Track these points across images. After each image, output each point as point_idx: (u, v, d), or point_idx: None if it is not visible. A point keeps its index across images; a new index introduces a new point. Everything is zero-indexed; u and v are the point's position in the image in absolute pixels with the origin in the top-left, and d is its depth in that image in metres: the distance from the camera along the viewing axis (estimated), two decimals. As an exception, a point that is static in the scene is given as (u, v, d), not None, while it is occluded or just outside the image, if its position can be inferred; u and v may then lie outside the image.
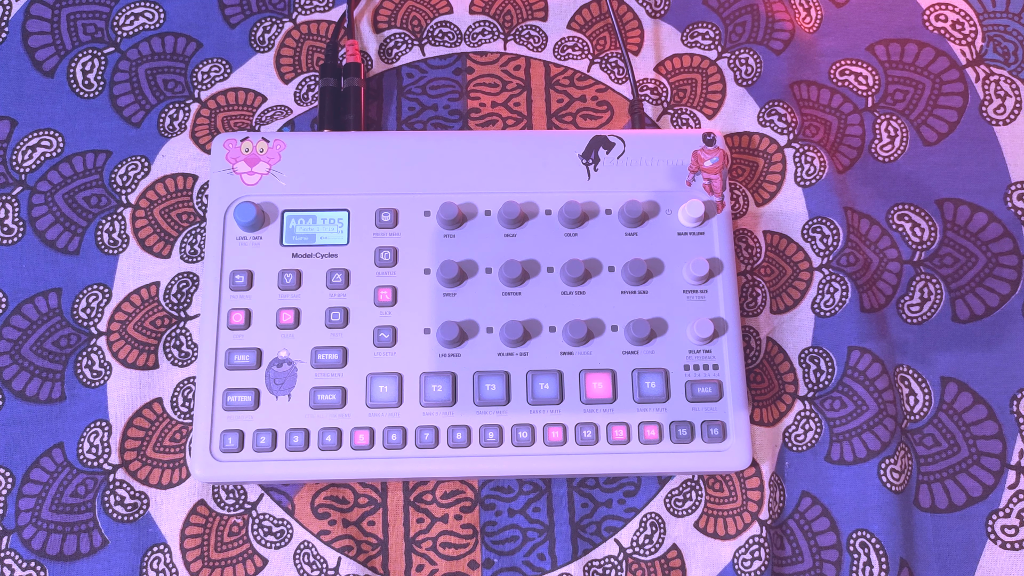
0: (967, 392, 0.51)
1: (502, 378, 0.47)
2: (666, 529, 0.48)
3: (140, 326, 0.51)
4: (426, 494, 0.48)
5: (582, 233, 0.50)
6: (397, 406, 0.47)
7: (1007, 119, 0.55)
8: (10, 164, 0.53)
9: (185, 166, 0.53)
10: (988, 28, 0.57)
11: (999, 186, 0.54)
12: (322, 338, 0.47)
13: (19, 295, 0.51)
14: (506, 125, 0.55)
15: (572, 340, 0.47)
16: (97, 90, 0.55)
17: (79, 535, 0.47)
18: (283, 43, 0.56)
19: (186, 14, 0.56)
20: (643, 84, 0.56)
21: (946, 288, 0.52)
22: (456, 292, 0.48)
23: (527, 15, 0.57)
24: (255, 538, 0.48)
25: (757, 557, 0.47)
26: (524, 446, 0.46)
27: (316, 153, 0.50)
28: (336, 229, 0.49)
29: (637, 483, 0.49)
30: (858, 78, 0.56)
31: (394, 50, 0.56)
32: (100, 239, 0.52)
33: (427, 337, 0.48)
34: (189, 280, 0.51)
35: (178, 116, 0.54)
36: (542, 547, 0.48)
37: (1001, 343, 0.52)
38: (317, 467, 0.46)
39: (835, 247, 0.52)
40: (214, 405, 0.46)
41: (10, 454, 0.49)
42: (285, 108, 0.55)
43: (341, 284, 0.48)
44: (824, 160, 0.54)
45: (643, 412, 0.47)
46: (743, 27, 0.57)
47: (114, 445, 0.49)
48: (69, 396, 0.49)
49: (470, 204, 0.50)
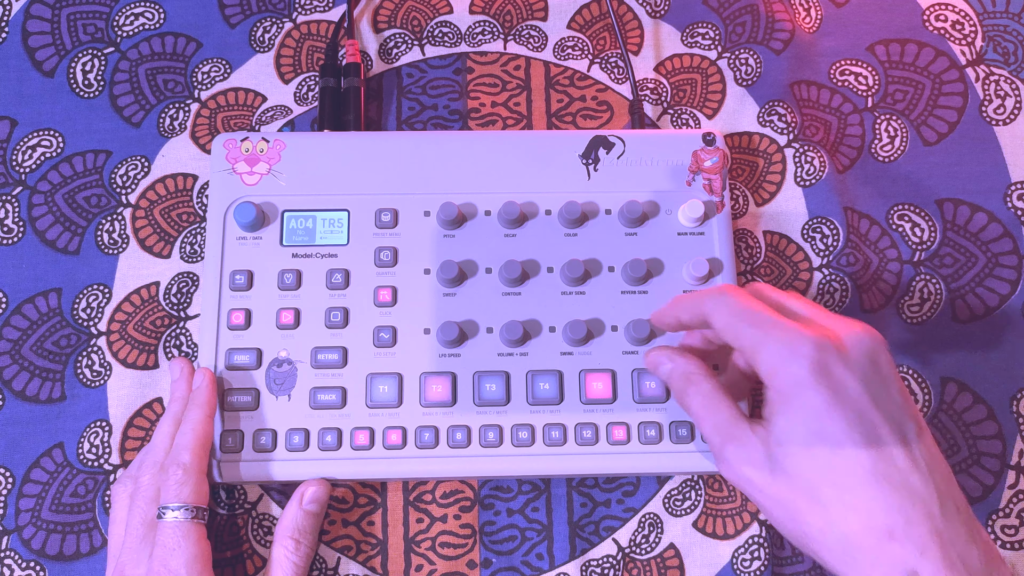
0: (967, 392, 0.51)
1: (502, 378, 0.47)
2: (664, 529, 0.48)
3: (140, 326, 0.51)
4: (426, 494, 0.48)
5: (582, 233, 0.50)
6: (397, 406, 0.47)
7: (1007, 119, 0.55)
8: (10, 164, 0.53)
9: (185, 166, 0.53)
10: (988, 28, 0.57)
11: (999, 186, 0.54)
12: (322, 338, 0.47)
13: (19, 295, 0.51)
14: (506, 125, 0.55)
15: (572, 340, 0.47)
16: (97, 90, 0.55)
17: (79, 535, 0.47)
18: (283, 43, 0.56)
19: (186, 14, 0.56)
20: (643, 84, 0.56)
21: (946, 288, 0.52)
22: (456, 292, 0.48)
23: (527, 15, 0.57)
24: (255, 538, 0.48)
25: (756, 557, 0.47)
26: (524, 446, 0.46)
27: (316, 153, 0.50)
28: (336, 229, 0.49)
29: (636, 483, 0.49)
30: (858, 78, 0.56)
31: (394, 50, 0.56)
32: (100, 239, 0.52)
33: (427, 337, 0.48)
34: (189, 280, 0.51)
35: (178, 116, 0.54)
36: (540, 547, 0.48)
37: (1001, 343, 0.52)
38: (317, 467, 0.46)
39: (835, 247, 0.52)
40: (214, 405, 0.46)
41: (10, 454, 0.49)
42: (285, 108, 0.55)
43: (341, 284, 0.48)
44: (824, 160, 0.54)
45: (643, 412, 0.47)
46: (743, 27, 0.57)
47: (114, 445, 0.49)
48: (69, 396, 0.49)
49: (470, 204, 0.50)
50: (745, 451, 0.39)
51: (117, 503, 0.45)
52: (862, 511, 0.36)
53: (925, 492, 0.36)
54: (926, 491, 0.36)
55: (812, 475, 0.37)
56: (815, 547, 0.38)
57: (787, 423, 0.38)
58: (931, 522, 0.36)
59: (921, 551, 0.35)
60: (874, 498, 0.36)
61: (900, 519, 0.36)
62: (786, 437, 0.37)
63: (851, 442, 0.36)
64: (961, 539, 0.36)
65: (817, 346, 0.37)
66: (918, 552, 0.35)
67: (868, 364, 0.38)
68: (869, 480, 0.36)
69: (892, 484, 0.36)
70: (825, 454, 0.37)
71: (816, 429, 0.37)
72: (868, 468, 0.36)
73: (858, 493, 0.36)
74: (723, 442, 0.40)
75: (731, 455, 0.39)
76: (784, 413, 0.38)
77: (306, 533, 0.44)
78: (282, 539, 0.44)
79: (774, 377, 0.38)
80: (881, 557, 0.36)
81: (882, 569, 0.36)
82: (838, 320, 0.39)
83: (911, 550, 0.35)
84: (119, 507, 0.45)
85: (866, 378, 0.37)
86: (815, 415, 0.37)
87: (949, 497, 0.37)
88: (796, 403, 0.37)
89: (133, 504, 0.44)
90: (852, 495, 0.36)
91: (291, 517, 0.44)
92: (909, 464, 0.37)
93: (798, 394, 0.37)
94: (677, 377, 0.43)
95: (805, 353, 0.37)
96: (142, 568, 0.42)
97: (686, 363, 0.43)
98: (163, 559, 0.41)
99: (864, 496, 0.36)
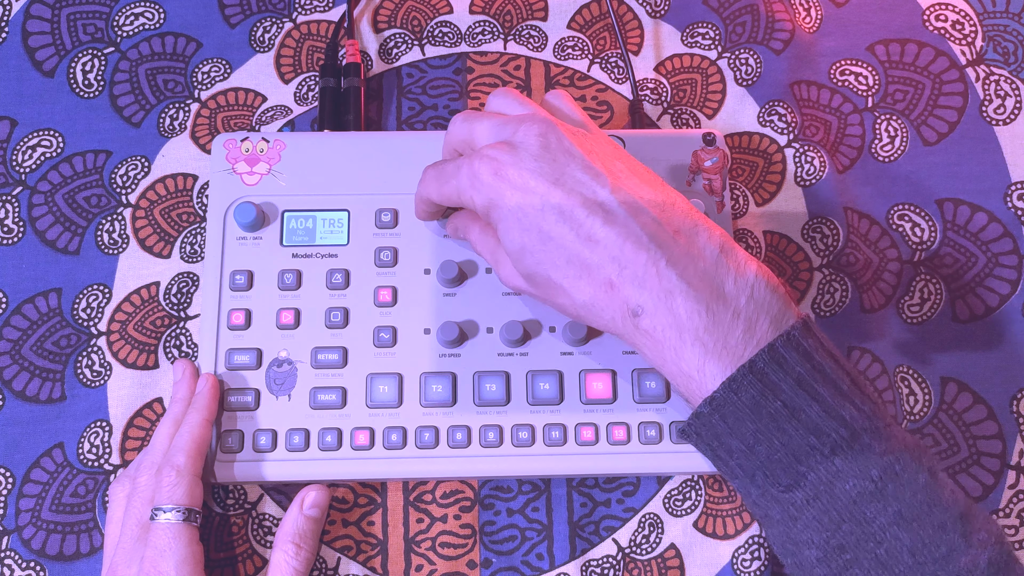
0: (967, 392, 0.51)
1: (502, 378, 0.47)
2: (664, 529, 0.48)
3: (140, 326, 0.51)
4: (426, 494, 0.48)
5: (582, 233, 0.50)
6: (397, 406, 0.47)
7: (1007, 119, 0.55)
8: (10, 164, 0.53)
9: (185, 166, 0.53)
10: (988, 28, 0.57)
11: (999, 186, 0.54)
12: (322, 338, 0.47)
13: (19, 295, 0.51)
14: (506, 125, 0.55)
15: (572, 340, 0.47)
16: (97, 90, 0.55)
17: (79, 535, 0.47)
18: (283, 43, 0.56)
19: (186, 14, 0.56)
20: (643, 84, 0.56)
21: (946, 288, 0.52)
22: (456, 292, 0.48)
23: (527, 15, 0.57)
24: (255, 538, 0.48)
25: (756, 557, 0.47)
26: (524, 446, 0.46)
27: (316, 153, 0.50)
28: (336, 229, 0.49)
29: (636, 483, 0.49)
30: (858, 78, 0.56)
31: (394, 50, 0.56)
32: (100, 239, 0.52)
33: (427, 337, 0.48)
34: (189, 280, 0.51)
35: (178, 116, 0.54)
36: (540, 547, 0.48)
37: (1001, 343, 0.52)
38: (317, 467, 0.46)
39: (835, 247, 0.52)
40: (214, 405, 0.46)
41: (10, 454, 0.49)
42: (285, 108, 0.55)
43: (341, 284, 0.48)
44: (824, 160, 0.54)
45: (643, 412, 0.47)
46: (743, 27, 0.57)
47: (115, 445, 0.49)
48: (69, 396, 0.49)
49: (470, 204, 0.50)
50: (506, 269, 0.44)
51: (114, 503, 0.45)
52: (585, 276, 0.39)
53: (629, 236, 0.38)
54: (629, 235, 0.38)
55: (540, 269, 0.40)
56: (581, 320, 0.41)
57: (503, 237, 0.41)
58: (643, 256, 0.38)
59: (639, 286, 0.38)
60: (588, 260, 0.39)
61: (614, 267, 0.38)
62: (509, 248, 0.41)
63: (548, 225, 0.39)
64: (681, 260, 0.38)
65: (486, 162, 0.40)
66: (636, 288, 0.38)
67: (539, 151, 0.40)
68: (577, 248, 0.39)
69: (596, 242, 0.39)
70: (537, 247, 0.40)
71: (520, 230, 0.40)
72: (571, 240, 0.39)
73: (575, 263, 0.39)
74: (496, 267, 0.45)
75: (502, 275, 0.44)
76: (497, 230, 0.41)
77: (307, 538, 0.44)
78: (283, 544, 0.44)
79: (479, 209, 0.42)
80: (613, 305, 0.39)
81: (618, 315, 0.39)
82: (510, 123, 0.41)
83: (631, 289, 0.38)
84: (116, 507, 0.45)
85: (540, 164, 0.40)
86: (514, 219, 0.40)
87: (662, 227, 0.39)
88: (498, 218, 0.41)
89: (130, 504, 0.44)
90: (572, 268, 0.39)
91: (292, 522, 0.44)
92: (606, 219, 0.39)
93: (495, 210, 0.40)
94: (461, 231, 0.48)
95: (480, 175, 0.40)
96: (133, 569, 0.42)
97: (461, 217, 0.48)
98: (154, 560, 0.41)
99: (580, 263, 0.39)
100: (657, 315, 0.38)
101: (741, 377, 0.36)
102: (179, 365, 0.48)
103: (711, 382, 0.37)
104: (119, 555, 0.42)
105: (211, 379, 0.46)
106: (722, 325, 0.37)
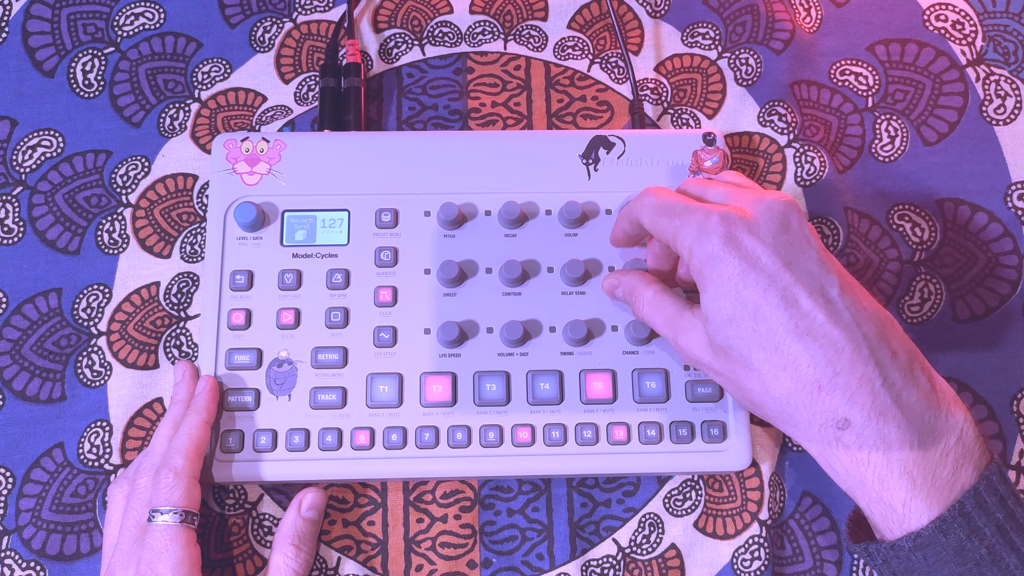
0: (967, 392, 0.51)
1: (502, 378, 0.47)
2: (665, 529, 0.48)
3: (140, 326, 0.51)
4: (426, 494, 0.48)
5: (582, 233, 0.50)
6: (397, 406, 0.47)
7: (1007, 119, 0.55)
8: (10, 164, 0.53)
9: (185, 166, 0.53)
10: (988, 28, 0.57)
11: (999, 186, 0.54)
12: (322, 338, 0.48)
13: (19, 295, 0.51)
14: (506, 125, 0.55)
15: (572, 340, 0.47)
16: (97, 90, 0.55)
17: (79, 535, 0.47)
18: (283, 43, 0.56)
19: (186, 14, 0.56)
20: (643, 84, 0.56)
21: (946, 288, 0.52)
22: (456, 292, 0.48)
23: (527, 15, 0.57)
24: (255, 538, 0.48)
25: (757, 557, 0.47)
26: (524, 446, 0.46)
27: (316, 153, 0.51)
28: (336, 229, 0.49)
29: (636, 483, 0.49)
30: (858, 78, 0.56)
31: (394, 50, 0.56)
32: (100, 239, 0.52)
33: (427, 337, 0.48)
34: (189, 280, 0.51)
35: (178, 116, 0.54)
36: (540, 547, 0.48)
37: (1001, 343, 0.52)
38: (317, 467, 0.46)
39: (835, 247, 0.52)
40: (214, 405, 0.46)
41: (10, 454, 0.49)
42: (285, 108, 0.55)
43: (341, 284, 0.48)
44: (824, 160, 0.54)
45: (643, 412, 0.47)
46: (743, 27, 0.57)
47: (115, 445, 0.49)
48: (69, 396, 0.49)
49: (470, 204, 0.50)
50: (690, 337, 0.41)
51: (113, 504, 0.45)
52: (790, 369, 0.37)
53: (851, 342, 0.37)
54: (852, 341, 0.37)
55: (741, 345, 0.38)
56: (763, 411, 0.39)
57: (710, 300, 0.39)
58: (860, 370, 0.36)
59: (850, 399, 0.36)
60: (799, 355, 0.37)
61: (827, 371, 0.36)
62: (712, 313, 0.39)
63: (768, 305, 0.37)
64: (897, 383, 0.36)
65: (723, 220, 0.38)
66: (847, 400, 0.36)
67: (778, 229, 0.39)
68: (791, 339, 0.37)
69: (815, 339, 0.37)
70: (747, 322, 0.38)
71: (735, 299, 0.38)
72: (789, 328, 0.37)
73: (784, 353, 0.37)
74: (674, 335, 0.42)
75: (682, 344, 0.41)
76: (706, 291, 0.39)
77: (306, 539, 0.45)
78: (282, 545, 0.44)
79: (692, 259, 0.39)
80: (814, 410, 0.37)
81: (816, 422, 0.37)
82: (751, 193, 0.40)
83: (840, 399, 0.36)
84: (114, 508, 0.45)
85: (776, 243, 0.38)
86: (731, 286, 0.38)
87: (883, 344, 0.37)
88: (713, 278, 0.39)
89: (128, 506, 0.44)
90: (779, 356, 0.37)
91: (291, 523, 0.45)
92: (830, 318, 0.37)
93: (713, 269, 0.38)
94: (626, 293, 0.45)
95: (712, 229, 0.38)
96: (131, 570, 0.42)
97: (630, 278, 0.45)
98: (150, 562, 0.41)
99: (789, 355, 0.37)
100: (865, 434, 0.36)
101: (951, 519, 0.35)
102: (179, 367, 0.48)
103: (916, 519, 0.36)
104: (117, 557, 0.42)
105: (210, 381, 0.46)
106: (931, 462, 0.36)
